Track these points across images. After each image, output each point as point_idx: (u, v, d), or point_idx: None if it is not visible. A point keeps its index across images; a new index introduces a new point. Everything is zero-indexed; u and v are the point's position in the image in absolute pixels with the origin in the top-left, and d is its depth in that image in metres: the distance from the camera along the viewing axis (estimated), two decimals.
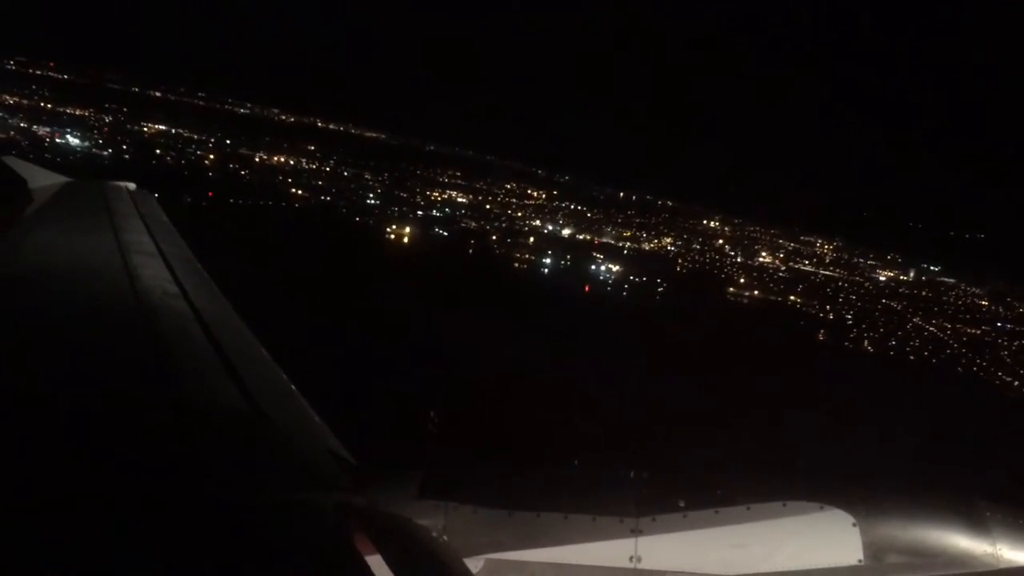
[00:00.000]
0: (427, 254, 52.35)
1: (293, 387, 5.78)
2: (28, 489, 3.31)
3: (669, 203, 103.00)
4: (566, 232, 73.82)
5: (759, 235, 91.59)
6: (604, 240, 73.90)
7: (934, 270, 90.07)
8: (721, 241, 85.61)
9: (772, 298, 63.36)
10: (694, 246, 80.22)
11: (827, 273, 78.62)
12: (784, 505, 4.00)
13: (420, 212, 66.74)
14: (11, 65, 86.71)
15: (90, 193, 11.24)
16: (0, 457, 3.53)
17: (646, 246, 76.11)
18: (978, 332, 61.06)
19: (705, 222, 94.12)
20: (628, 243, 75.76)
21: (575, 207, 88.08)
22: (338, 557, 3.40)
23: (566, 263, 59.25)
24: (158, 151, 69.19)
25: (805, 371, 37.49)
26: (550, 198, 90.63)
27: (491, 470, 4.58)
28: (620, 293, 54.63)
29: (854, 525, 3.94)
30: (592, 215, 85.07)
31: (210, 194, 48.01)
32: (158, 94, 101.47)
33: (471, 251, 56.70)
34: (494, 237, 62.98)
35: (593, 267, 60.04)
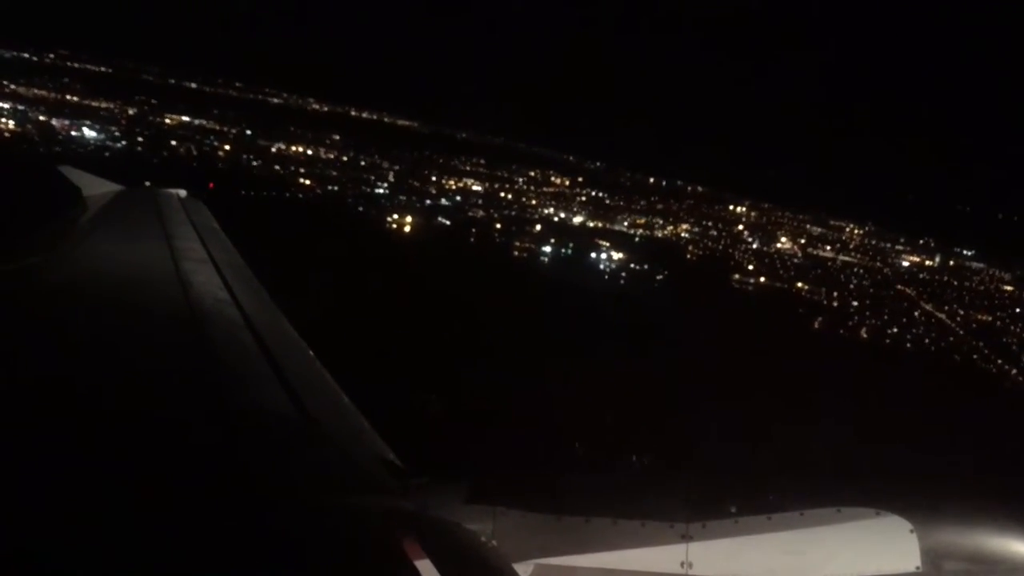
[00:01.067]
0: (423, 243, 52.63)
1: (342, 392, 5.88)
2: (79, 492, 3.42)
3: (699, 189, 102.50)
4: (577, 220, 73.44)
5: (786, 221, 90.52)
6: (616, 228, 73.42)
7: (968, 254, 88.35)
8: (741, 227, 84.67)
9: (779, 285, 62.64)
10: (711, 233, 79.38)
11: (846, 259, 77.39)
12: (839, 511, 3.93)
13: (429, 201, 66.84)
14: (35, 57, 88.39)
15: (142, 201, 11.60)
16: (54, 459, 3.68)
17: (659, 233, 75.53)
18: (990, 319, 59.83)
19: (732, 208, 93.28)
20: (641, 230, 75.26)
21: (596, 194, 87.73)
22: (388, 562, 3.47)
23: (567, 252, 59.14)
24: (174, 143, 70.15)
25: (789, 359, 37.17)
26: (573, 185, 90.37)
27: (540, 475, 4.63)
28: (617, 282, 54.52)
29: (912, 531, 3.85)
30: (611, 202, 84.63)
31: (211, 185, 48.53)
32: (185, 84, 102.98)
33: (472, 240, 56.86)
34: (498, 226, 62.97)
35: (594, 255, 59.84)
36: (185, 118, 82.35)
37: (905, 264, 79.75)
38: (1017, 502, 3.94)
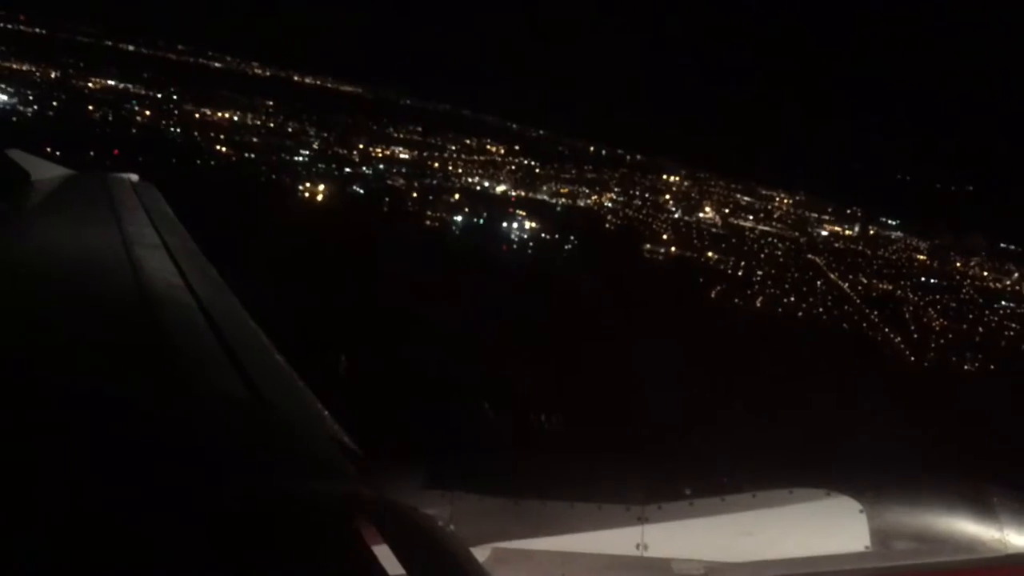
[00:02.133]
0: (332, 211, 52.68)
1: (298, 377, 5.86)
2: (30, 482, 3.37)
3: (638, 157, 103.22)
4: (500, 189, 73.73)
5: (717, 190, 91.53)
6: (538, 197, 73.86)
7: (892, 224, 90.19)
8: (668, 197, 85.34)
9: (689, 254, 63.62)
10: (635, 202, 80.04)
11: (765, 228, 78.70)
12: (791, 492, 4.03)
13: (349, 170, 66.57)
14: None
15: (93, 185, 11.28)
16: (2, 450, 3.58)
17: (581, 202, 76.08)
18: (890, 287, 61.64)
19: (666, 177, 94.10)
20: (563, 199, 75.79)
21: (528, 162, 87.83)
22: (345, 547, 3.45)
23: (479, 221, 59.47)
24: (90, 107, 68.97)
25: (683, 327, 38.18)
26: (508, 153, 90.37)
27: (497, 459, 4.75)
28: (524, 251, 55.10)
29: (861, 511, 3.96)
30: (541, 171, 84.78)
31: (116, 152, 48.06)
32: (123, 47, 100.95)
33: (384, 209, 56.87)
34: (415, 195, 63.02)
35: (506, 225, 60.24)
36: (111, 82, 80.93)
37: (824, 233, 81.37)
38: (962, 483, 4.10)
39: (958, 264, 75.39)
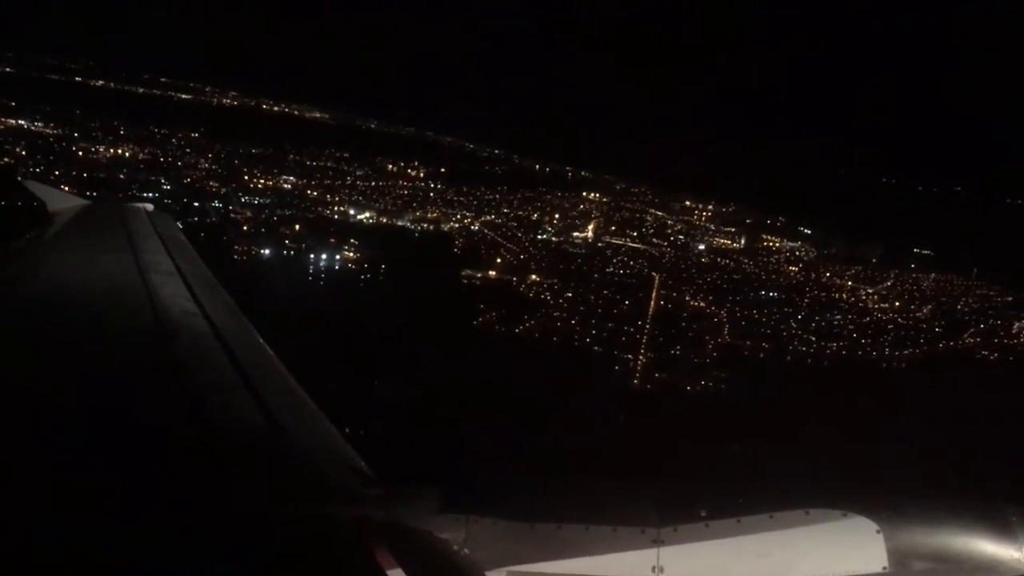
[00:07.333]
0: None
1: (312, 402, 5.99)
2: (50, 505, 3.47)
3: (584, 174, 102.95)
4: (363, 216, 73.91)
5: (634, 206, 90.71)
6: (399, 223, 74.03)
7: (807, 232, 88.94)
8: (556, 216, 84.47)
9: (507, 278, 63.32)
10: (511, 223, 79.57)
11: (636, 246, 77.56)
12: (807, 513, 4.04)
13: (197, 204, 66.81)
14: None
15: (109, 214, 11.71)
16: (24, 474, 3.73)
17: (445, 227, 75.92)
18: (703, 305, 61.28)
19: (585, 194, 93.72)
20: (426, 224, 75.79)
21: (429, 185, 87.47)
22: (359, 571, 3.52)
23: (288, 252, 59.93)
24: None
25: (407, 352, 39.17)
26: (427, 177, 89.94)
27: (512, 482, 4.74)
28: (317, 281, 55.80)
29: (878, 532, 3.97)
30: (435, 194, 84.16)
31: None
32: (92, 83, 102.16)
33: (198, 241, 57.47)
34: (244, 228, 63.57)
35: (313, 255, 60.57)
36: (21, 122, 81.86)
37: (701, 247, 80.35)
38: (980, 501, 4.13)
39: (826, 275, 74.64)
